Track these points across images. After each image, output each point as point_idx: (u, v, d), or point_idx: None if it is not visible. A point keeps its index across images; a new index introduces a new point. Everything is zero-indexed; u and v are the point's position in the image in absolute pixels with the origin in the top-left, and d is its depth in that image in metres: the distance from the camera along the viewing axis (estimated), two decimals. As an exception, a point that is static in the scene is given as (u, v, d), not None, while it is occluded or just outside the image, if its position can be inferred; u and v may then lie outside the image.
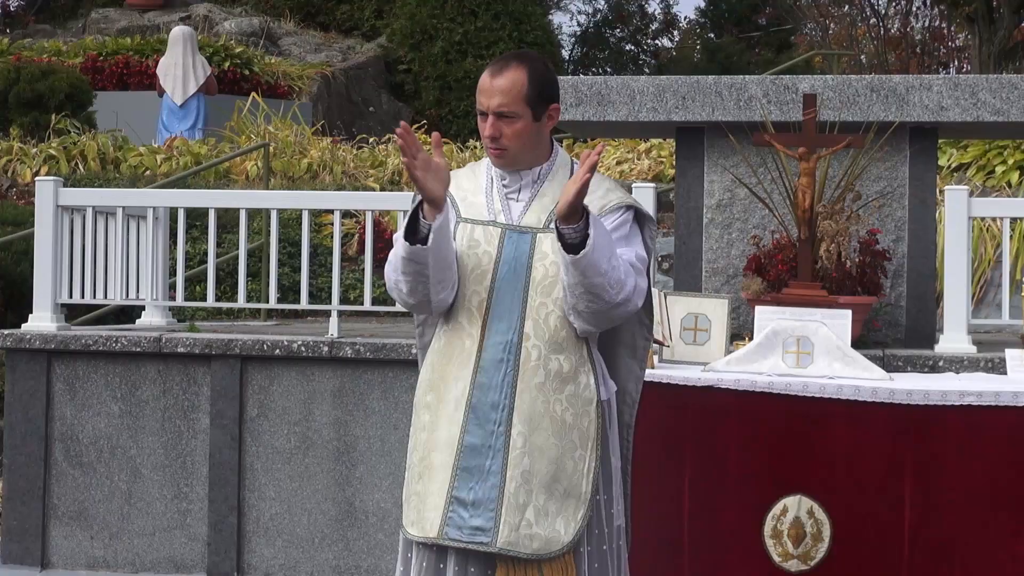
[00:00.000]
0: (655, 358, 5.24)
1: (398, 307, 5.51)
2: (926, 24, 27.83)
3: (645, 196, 6.60)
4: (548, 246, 3.54)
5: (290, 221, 10.70)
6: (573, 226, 3.38)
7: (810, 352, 5.13)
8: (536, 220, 3.57)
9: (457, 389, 3.53)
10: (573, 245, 3.37)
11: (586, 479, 3.53)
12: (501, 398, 3.49)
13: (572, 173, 3.63)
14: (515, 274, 3.51)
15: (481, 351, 3.51)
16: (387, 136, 15.10)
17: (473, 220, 3.59)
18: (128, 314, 9.04)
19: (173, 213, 7.76)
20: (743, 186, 6.39)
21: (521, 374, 3.50)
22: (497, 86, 3.50)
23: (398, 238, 3.49)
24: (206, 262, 8.06)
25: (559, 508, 3.50)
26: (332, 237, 7.40)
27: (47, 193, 7.05)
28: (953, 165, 11.29)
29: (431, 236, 3.40)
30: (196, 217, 10.43)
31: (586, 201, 3.58)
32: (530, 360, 3.50)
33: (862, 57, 27.66)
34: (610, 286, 3.41)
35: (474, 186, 3.65)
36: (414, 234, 3.43)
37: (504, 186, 3.62)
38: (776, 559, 4.92)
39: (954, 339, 6.17)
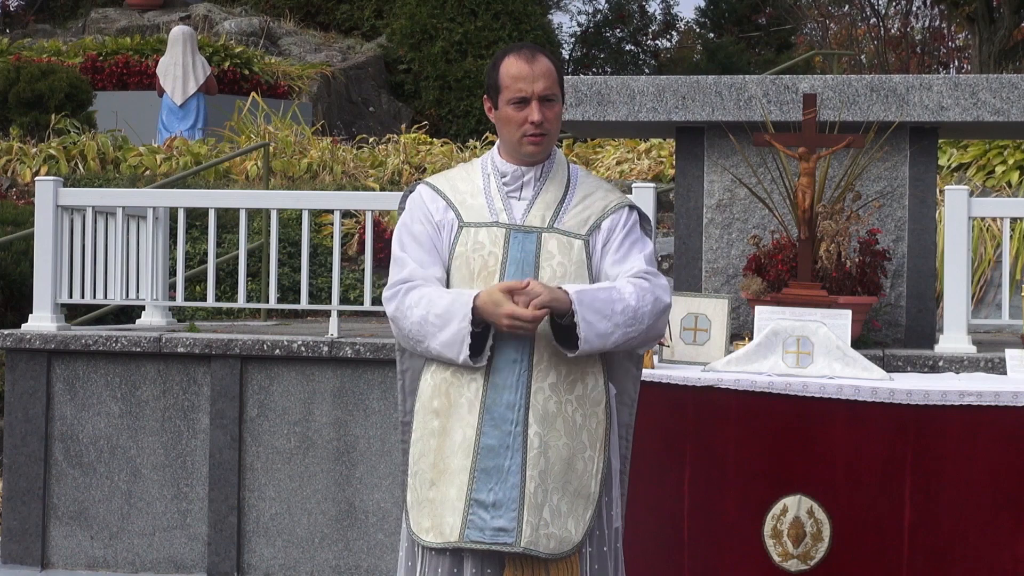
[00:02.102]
0: (655, 358, 5.24)
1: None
2: (926, 24, 27.84)
3: (645, 196, 6.60)
4: (554, 246, 3.54)
5: (290, 221, 10.70)
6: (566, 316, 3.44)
7: (810, 352, 5.13)
8: (540, 219, 3.57)
9: (470, 391, 3.51)
10: (568, 337, 3.45)
11: (595, 479, 3.53)
12: (516, 398, 3.49)
13: (569, 173, 3.65)
14: (523, 274, 3.51)
15: (493, 352, 3.51)
16: (387, 136, 15.10)
17: (476, 224, 3.57)
18: (128, 314, 9.04)
19: (173, 213, 7.76)
20: (743, 186, 6.39)
21: (535, 374, 3.50)
22: (539, 71, 3.52)
23: (442, 316, 3.48)
24: (206, 262, 8.06)
25: (570, 508, 3.50)
26: (332, 237, 7.40)
27: (47, 193, 7.05)
28: (953, 165, 11.29)
29: (485, 356, 3.49)
30: (196, 217, 10.43)
31: (587, 203, 3.60)
32: (542, 360, 3.50)
33: (862, 57, 27.67)
34: (629, 326, 3.48)
35: (471, 188, 3.63)
36: (475, 351, 3.48)
37: (504, 184, 3.60)
38: (776, 559, 4.92)
39: (954, 339, 6.17)
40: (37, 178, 7.23)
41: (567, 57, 27.95)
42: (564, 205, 3.58)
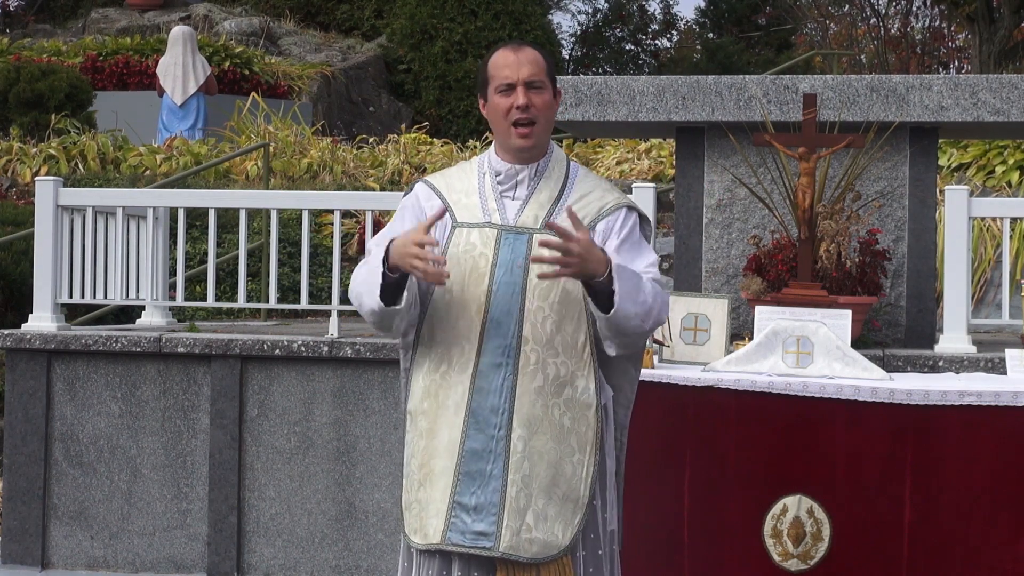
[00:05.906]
0: (655, 358, 5.24)
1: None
2: (926, 24, 27.85)
3: (645, 196, 6.60)
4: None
5: (290, 221, 10.70)
6: (599, 279, 3.37)
7: (810, 352, 5.13)
8: (533, 220, 3.52)
9: (456, 394, 3.50)
10: (602, 298, 3.37)
11: (584, 483, 3.51)
12: (501, 402, 3.47)
13: (568, 172, 3.61)
14: (512, 276, 3.48)
15: (480, 355, 3.48)
16: (387, 136, 15.10)
17: (469, 224, 3.54)
18: (128, 314, 9.04)
19: (173, 213, 7.76)
20: (743, 186, 6.39)
21: (520, 378, 3.47)
22: (524, 58, 3.51)
23: (372, 270, 3.47)
24: (206, 262, 8.06)
25: (558, 512, 3.48)
26: (332, 237, 7.40)
27: (47, 193, 7.05)
28: (953, 165, 11.29)
29: (403, 300, 3.44)
30: (196, 217, 10.43)
31: (582, 203, 3.55)
32: (528, 364, 3.48)
33: (862, 57, 27.68)
34: (642, 321, 3.43)
35: (467, 187, 3.60)
36: (388, 294, 3.45)
37: (499, 183, 3.56)
38: (776, 558, 4.93)
39: (954, 339, 6.18)
40: (37, 178, 7.23)
41: (567, 57, 27.95)
42: (559, 204, 3.53)
